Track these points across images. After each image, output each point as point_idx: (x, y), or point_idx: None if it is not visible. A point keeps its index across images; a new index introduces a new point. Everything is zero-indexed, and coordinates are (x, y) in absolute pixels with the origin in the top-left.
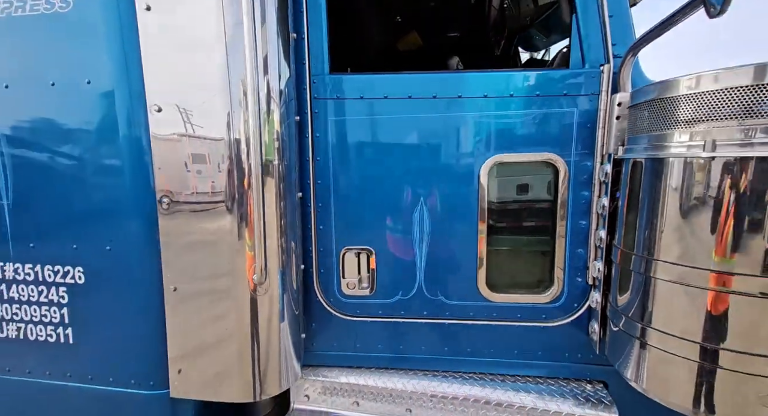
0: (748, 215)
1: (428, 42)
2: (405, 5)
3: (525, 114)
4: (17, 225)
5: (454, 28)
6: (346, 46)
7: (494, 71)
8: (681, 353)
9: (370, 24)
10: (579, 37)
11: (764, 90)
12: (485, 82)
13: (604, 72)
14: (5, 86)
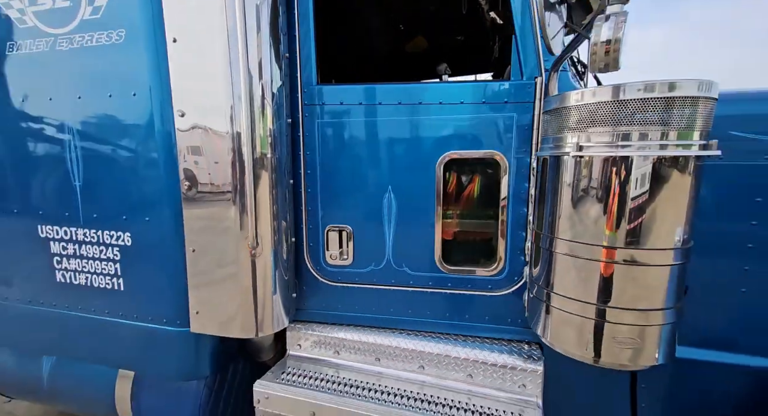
0: (613, 202)
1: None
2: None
3: (473, 118)
4: (85, 200)
5: (453, 33)
6: (343, 55)
7: (448, 82)
8: (572, 310)
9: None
10: (518, 54)
11: (620, 105)
12: (441, 91)
13: (537, 83)
14: (78, 97)
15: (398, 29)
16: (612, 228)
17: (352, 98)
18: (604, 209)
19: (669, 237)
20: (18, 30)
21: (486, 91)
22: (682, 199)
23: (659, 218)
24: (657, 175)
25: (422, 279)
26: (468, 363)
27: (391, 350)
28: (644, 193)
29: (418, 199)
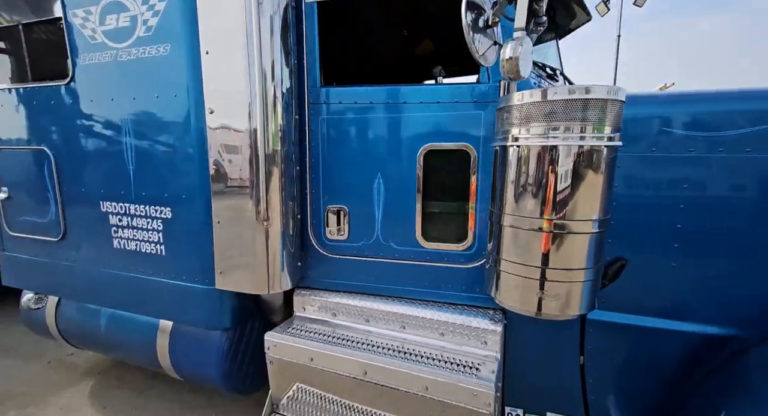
0: (544, 183)
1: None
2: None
3: (448, 115)
4: (137, 181)
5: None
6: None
7: (426, 85)
8: (515, 273)
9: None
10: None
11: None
12: (421, 92)
13: (501, 86)
14: (133, 98)
15: (400, 34)
16: (543, 204)
17: (349, 98)
18: (537, 189)
19: (589, 210)
20: (90, 45)
21: (458, 93)
22: (598, 180)
23: (580, 195)
24: (577, 160)
25: (405, 253)
26: (441, 324)
27: (378, 313)
28: (568, 176)
29: (402, 184)
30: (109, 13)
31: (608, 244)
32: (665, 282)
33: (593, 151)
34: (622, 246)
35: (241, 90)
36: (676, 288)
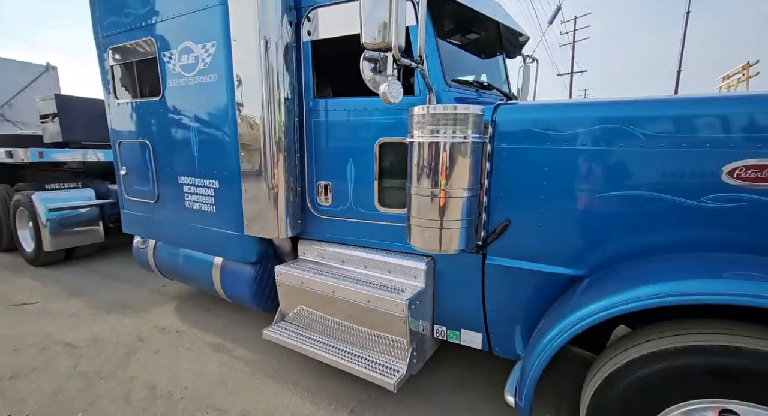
0: (432, 165)
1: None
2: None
3: (394, 118)
4: (199, 162)
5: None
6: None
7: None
8: (417, 224)
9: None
10: (422, 77)
11: (432, 115)
12: (376, 102)
13: (427, 98)
14: (197, 108)
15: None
16: (432, 179)
17: (330, 106)
18: (428, 169)
19: (461, 182)
20: (172, 74)
21: (401, 103)
22: (465, 163)
23: (455, 173)
24: (451, 151)
25: (367, 215)
26: (389, 264)
27: (349, 257)
28: (446, 161)
29: (365, 166)
30: (183, 54)
31: (499, 210)
32: (535, 237)
33: (460, 144)
34: (508, 212)
35: (257, 101)
36: (543, 241)
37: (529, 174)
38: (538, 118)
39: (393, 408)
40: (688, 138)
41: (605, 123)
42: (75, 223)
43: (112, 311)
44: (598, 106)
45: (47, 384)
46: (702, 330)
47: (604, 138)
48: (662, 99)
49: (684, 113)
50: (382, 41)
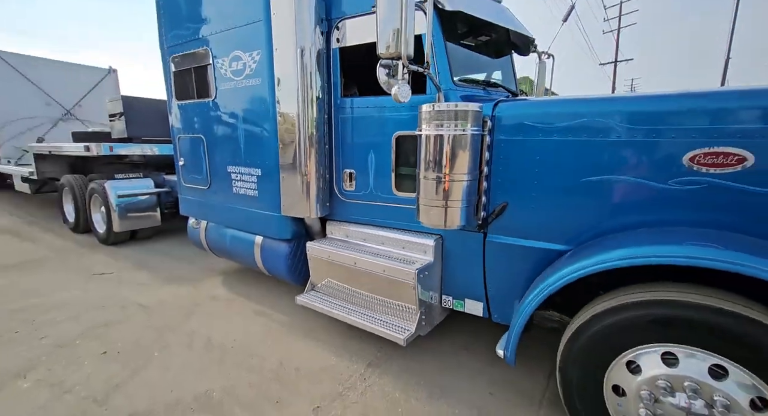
0: (439, 154)
1: None
2: None
3: (408, 115)
4: (244, 153)
5: None
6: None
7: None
8: (426, 204)
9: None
10: (430, 79)
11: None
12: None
13: (437, 97)
14: (243, 107)
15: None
16: (438, 165)
17: (355, 104)
18: (434, 157)
19: (462, 168)
20: (223, 78)
21: (413, 101)
22: (466, 152)
23: (457, 160)
24: (453, 142)
25: (386, 198)
26: (403, 241)
27: (370, 236)
28: (450, 150)
29: (384, 155)
30: (233, 61)
31: (498, 194)
32: (529, 217)
33: (461, 136)
34: (506, 196)
35: (294, 101)
36: (535, 221)
37: (524, 161)
38: (531, 113)
39: (403, 361)
40: (656, 129)
41: (586, 117)
42: (138, 209)
43: (172, 282)
44: (580, 103)
45: (129, 332)
46: (652, 289)
47: (586, 130)
48: (636, 96)
49: (652, 109)
50: (394, 51)
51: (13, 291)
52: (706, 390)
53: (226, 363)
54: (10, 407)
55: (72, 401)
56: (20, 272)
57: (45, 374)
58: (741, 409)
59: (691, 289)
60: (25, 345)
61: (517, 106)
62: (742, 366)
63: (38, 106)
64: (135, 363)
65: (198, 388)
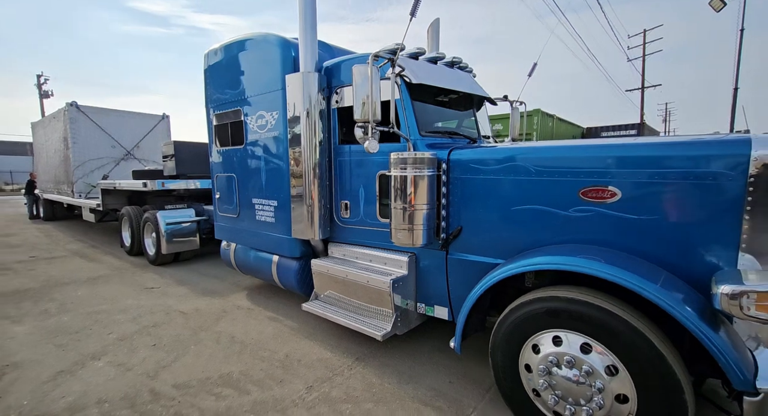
0: (402, 190)
1: None
2: None
3: (387, 159)
4: (266, 188)
5: None
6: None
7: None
8: (396, 227)
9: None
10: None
11: (398, 159)
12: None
13: (407, 146)
14: (265, 149)
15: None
16: (403, 199)
17: (349, 150)
18: (401, 193)
19: (422, 200)
20: (251, 130)
21: (391, 148)
22: (424, 188)
23: (417, 194)
24: (414, 181)
25: (373, 224)
26: (385, 259)
27: (361, 254)
28: (412, 187)
29: (371, 190)
30: (258, 119)
31: (454, 219)
32: (477, 238)
33: (419, 177)
34: (460, 221)
35: (301, 148)
36: (482, 241)
37: (470, 194)
38: (473, 158)
39: (384, 358)
40: (558, 171)
41: (508, 161)
42: (182, 234)
43: (206, 295)
44: (503, 150)
45: (172, 331)
46: (550, 289)
47: (510, 171)
48: (541, 146)
49: (553, 156)
50: (365, 117)
51: (88, 300)
52: (579, 361)
53: (244, 355)
54: (90, 378)
55: (131, 376)
56: (91, 286)
57: (112, 358)
58: (600, 375)
59: (573, 289)
60: (97, 338)
61: (465, 152)
62: (601, 343)
63: (105, 149)
64: (176, 352)
65: (222, 370)
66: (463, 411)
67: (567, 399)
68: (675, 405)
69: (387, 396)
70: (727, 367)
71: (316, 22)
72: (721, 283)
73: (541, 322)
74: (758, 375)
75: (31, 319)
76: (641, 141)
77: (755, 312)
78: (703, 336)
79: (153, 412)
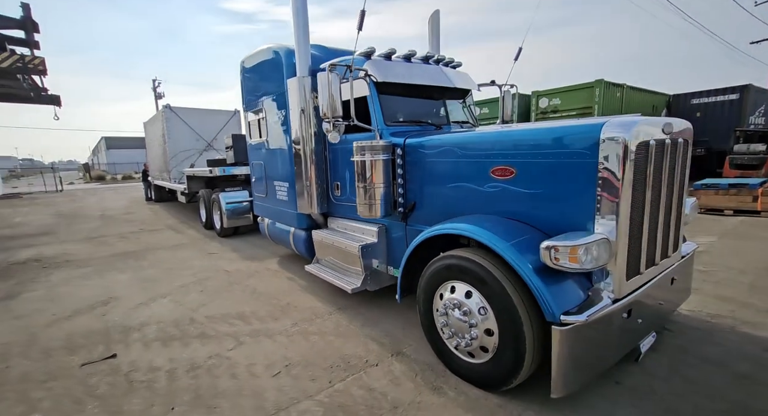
0: (364, 172)
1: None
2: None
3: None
4: (280, 173)
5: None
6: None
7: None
8: (360, 203)
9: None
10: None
11: (359, 146)
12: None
13: (376, 134)
14: (278, 143)
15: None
16: (364, 179)
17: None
18: (362, 175)
19: (379, 180)
20: (270, 126)
21: (360, 137)
22: (379, 169)
23: (375, 175)
24: (372, 164)
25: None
26: (363, 229)
27: (349, 226)
28: (371, 169)
29: (351, 173)
30: (272, 115)
31: (410, 196)
32: (426, 210)
33: (376, 161)
34: (414, 197)
35: (300, 137)
36: (429, 213)
37: (419, 174)
38: (420, 143)
39: (361, 309)
40: (475, 153)
41: (443, 146)
42: (239, 212)
43: (248, 259)
44: (441, 137)
45: (215, 283)
46: (454, 250)
47: (444, 154)
48: (465, 133)
49: (471, 140)
50: (328, 113)
51: (168, 260)
52: (463, 305)
53: (258, 301)
54: (156, 309)
55: (181, 309)
56: (173, 250)
57: (172, 297)
58: (475, 314)
59: (467, 249)
60: (168, 284)
61: (416, 138)
62: (476, 289)
63: (192, 142)
64: (213, 296)
65: (239, 309)
66: (400, 346)
67: (457, 334)
68: (518, 335)
69: (348, 333)
70: (541, 301)
71: (308, 33)
72: (547, 241)
73: (444, 275)
74: (570, 313)
75: (130, 271)
76: (534, 126)
77: (565, 262)
78: (525, 276)
79: (188, 330)
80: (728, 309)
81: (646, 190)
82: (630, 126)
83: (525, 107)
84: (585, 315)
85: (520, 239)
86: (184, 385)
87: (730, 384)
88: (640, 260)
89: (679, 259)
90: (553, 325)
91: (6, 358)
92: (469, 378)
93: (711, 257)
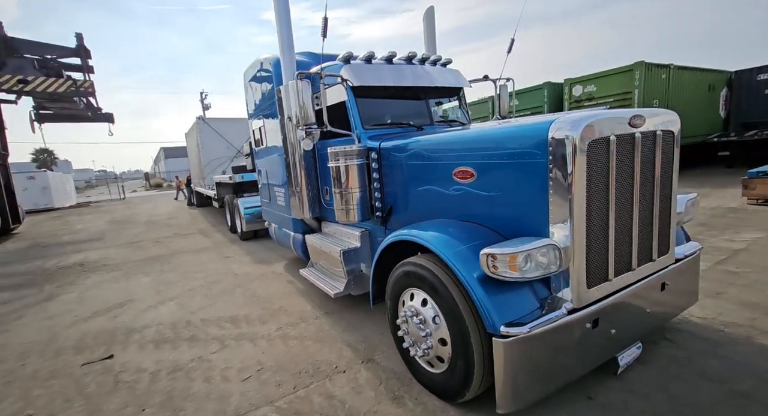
0: (340, 176)
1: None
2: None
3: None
4: (278, 179)
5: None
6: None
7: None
8: (338, 209)
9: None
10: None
11: (333, 152)
12: (334, 143)
13: (355, 138)
14: (274, 151)
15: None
16: (340, 184)
17: (323, 146)
18: (338, 180)
19: (354, 185)
20: (267, 134)
21: (338, 142)
22: (354, 175)
23: (350, 180)
24: (347, 169)
25: None
26: (348, 233)
27: (337, 230)
28: (346, 174)
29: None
30: (268, 123)
31: (387, 200)
32: (401, 214)
33: (350, 166)
34: (390, 201)
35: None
36: (403, 216)
37: (393, 177)
38: (392, 146)
39: (346, 314)
40: (440, 156)
41: (411, 149)
42: (256, 216)
43: (258, 262)
44: (411, 141)
45: (221, 286)
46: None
47: (414, 156)
48: (430, 137)
49: (435, 143)
50: (300, 121)
51: (188, 263)
52: (419, 313)
53: (253, 304)
54: (162, 311)
55: (183, 312)
56: (196, 254)
57: (179, 301)
58: (429, 323)
59: (422, 256)
60: (179, 288)
61: (390, 141)
62: (431, 297)
63: (223, 150)
64: (215, 299)
65: (233, 313)
66: (373, 352)
67: (416, 343)
68: (467, 346)
69: (326, 338)
70: (481, 311)
71: (293, 42)
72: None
73: (404, 282)
74: (513, 324)
75: (154, 274)
76: (491, 127)
77: (505, 271)
78: (467, 283)
79: (181, 333)
80: (748, 318)
81: (609, 189)
82: (580, 122)
83: (557, 97)
84: (527, 328)
85: (470, 245)
86: (161, 387)
87: (722, 404)
88: (607, 265)
89: (673, 262)
90: (493, 337)
91: (25, 356)
92: (431, 387)
93: (749, 256)
